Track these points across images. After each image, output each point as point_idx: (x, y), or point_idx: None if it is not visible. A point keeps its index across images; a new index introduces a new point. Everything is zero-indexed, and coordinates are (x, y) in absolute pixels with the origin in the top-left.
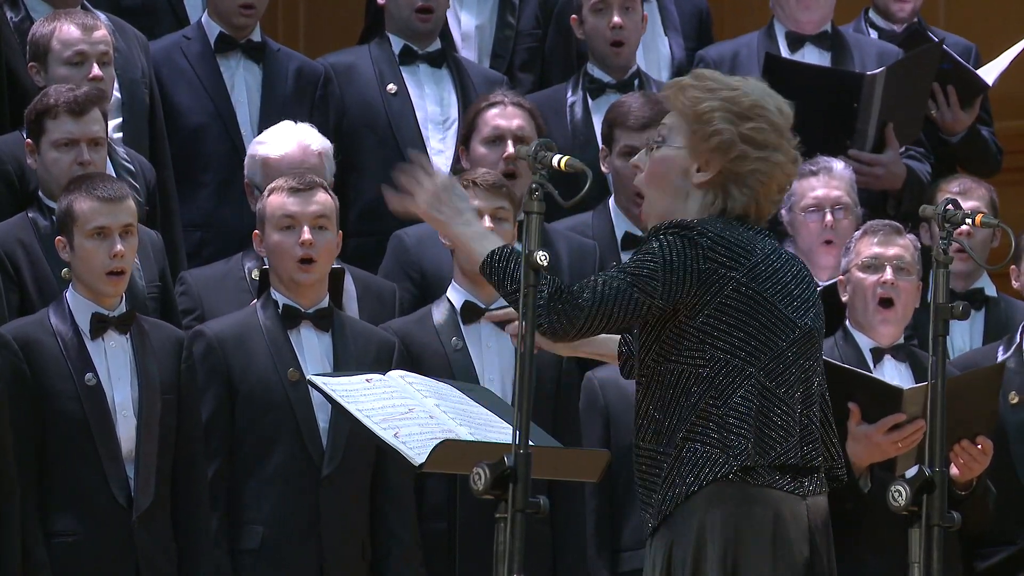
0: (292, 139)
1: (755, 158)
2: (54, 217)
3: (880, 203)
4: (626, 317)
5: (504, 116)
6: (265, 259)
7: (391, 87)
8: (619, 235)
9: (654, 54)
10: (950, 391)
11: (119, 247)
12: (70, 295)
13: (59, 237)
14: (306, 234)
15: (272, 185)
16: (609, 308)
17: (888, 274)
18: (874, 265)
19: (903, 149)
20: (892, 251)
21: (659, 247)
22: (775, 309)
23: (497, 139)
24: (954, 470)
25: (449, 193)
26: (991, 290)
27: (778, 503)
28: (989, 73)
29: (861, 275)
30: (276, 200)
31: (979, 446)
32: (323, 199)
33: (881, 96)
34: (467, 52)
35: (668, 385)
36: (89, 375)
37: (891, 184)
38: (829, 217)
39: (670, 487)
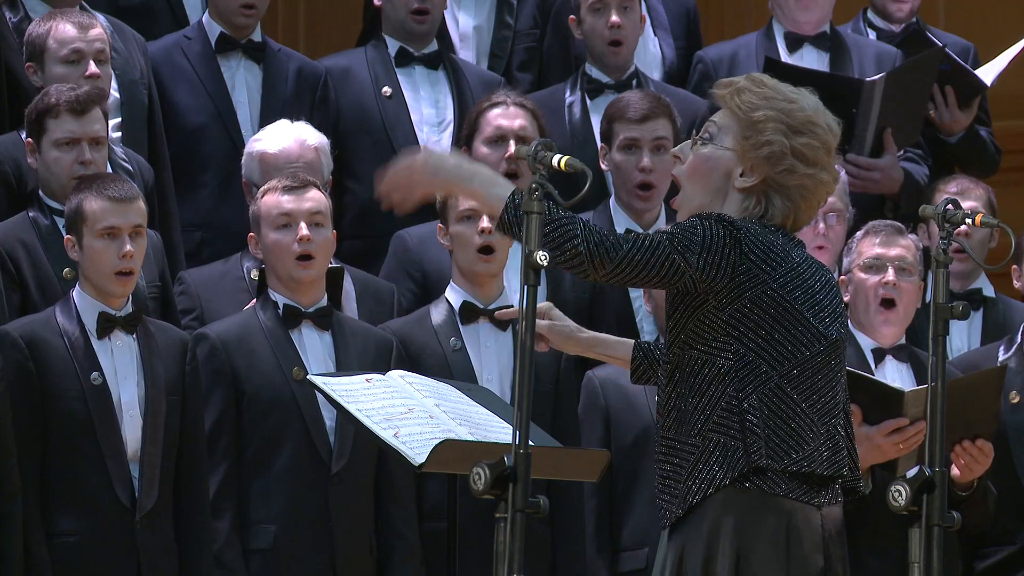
0: (289, 135)
1: (803, 174)
2: (55, 216)
3: (877, 207)
4: (659, 274)
5: (506, 116)
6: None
7: (386, 90)
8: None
9: (644, 54)
10: (952, 393)
11: (128, 247)
12: (77, 294)
13: (68, 236)
14: (303, 230)
15: (265, 186)
16: (647, 259)
17: (890, 275)
18: (876, 265)
19: (901, 151)
20: (894, 251)
21: (701, 227)
22: (803, 319)
23: (499, 139)
24: (955, 471)
25: (436, 159)
26: (989, 290)
27: (791, 513)
28: (988, 73)
29: (863, 275)
30: (271, 199)
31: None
32: (317, 196)
33: (880, 102)
34: (465, 52)
35: (693, 373)
36: (95, 374)
37: (888, 189)
38: (822, 226)
39: (695, 478)
